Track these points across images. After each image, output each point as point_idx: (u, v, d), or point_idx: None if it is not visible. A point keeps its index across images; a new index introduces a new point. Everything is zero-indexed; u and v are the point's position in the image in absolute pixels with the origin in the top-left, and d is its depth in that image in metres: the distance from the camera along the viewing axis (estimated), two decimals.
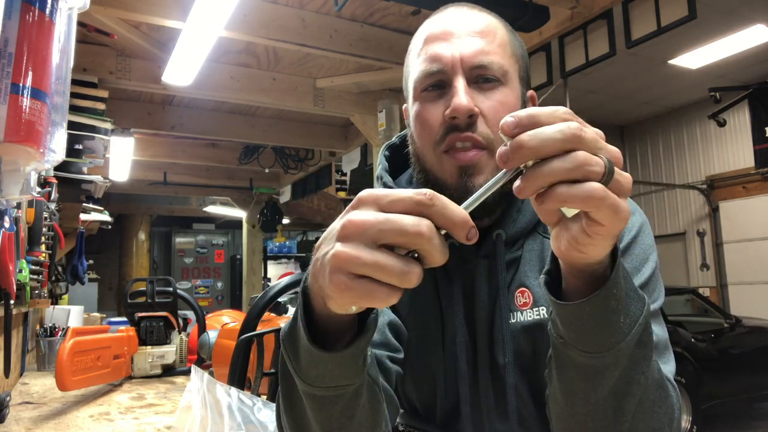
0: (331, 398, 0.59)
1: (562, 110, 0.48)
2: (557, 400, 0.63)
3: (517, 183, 0.47)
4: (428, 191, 0.45)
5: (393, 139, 0.95)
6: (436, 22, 0.81)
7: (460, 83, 0.74)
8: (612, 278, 0.53)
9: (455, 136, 0.75)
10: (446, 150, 0.76)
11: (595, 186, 0.45)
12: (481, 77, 0.76)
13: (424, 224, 0.44)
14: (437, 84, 0.77)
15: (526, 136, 0.46)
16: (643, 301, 0.58)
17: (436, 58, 0.76)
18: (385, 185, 0.87)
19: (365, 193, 0.47)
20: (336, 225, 0.47)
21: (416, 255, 0.45)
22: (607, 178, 0.46)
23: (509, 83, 0.78)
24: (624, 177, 0.48)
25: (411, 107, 0.82)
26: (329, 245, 0.46)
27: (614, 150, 0.48)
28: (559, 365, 0.61)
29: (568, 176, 0.45)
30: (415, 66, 0.80)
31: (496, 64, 0.76)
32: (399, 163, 0.92)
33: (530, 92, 0.84)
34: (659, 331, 0.72)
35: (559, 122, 0.47)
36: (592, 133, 0.47)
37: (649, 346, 0.59)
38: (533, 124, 0.47)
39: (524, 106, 0.81)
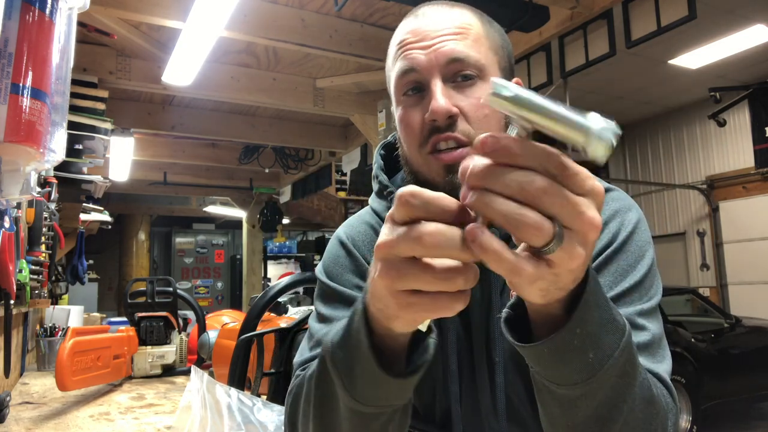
0: (376, 415, 0.60)
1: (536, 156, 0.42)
2: (542, 418, 0.63)
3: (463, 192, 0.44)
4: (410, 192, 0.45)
5: (388, 138, 0.96)
6: (409, 24, 0.81)
7: (436, 86, 0.75)
8: (573, 319, 0.49)
9: (437, 138, 0.75)
10: (431, 151, 0.76)
11: (493, 245, 0.42)
12: (458, 75, 0.76)
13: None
14: (415, 87, 0.78)
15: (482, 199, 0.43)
16: (621, 332, 0.54)
17: (410, 61, 0.77)
18: (381, 183, 0.89)
19: (391, 212, 0.47)
20: (381, 241, 0.47)
21: None
22: (545, 249, 0.42)
23: (488, 77, 0.77)
24: (574, 255, 0.43)
25: (395, 111, 0.83)
26: (376, 267, 0.48)
27: (590, 217, 0.42)
28: (536, 388, 0.60)
29: (501, 222, 0.42)
30: (393, 71, 0.81)
31: (471, 60, 0.76)
32: (395, 162, 0.92)
33: (515, 80, 0.83)
34: (655, 328, 0.72)
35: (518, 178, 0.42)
36: (560, 198, 0.42)
37: (633, 374, 0.57)
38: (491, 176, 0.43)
39: None
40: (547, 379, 0.55)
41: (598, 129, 0.41)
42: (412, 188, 0.45)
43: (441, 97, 0.74)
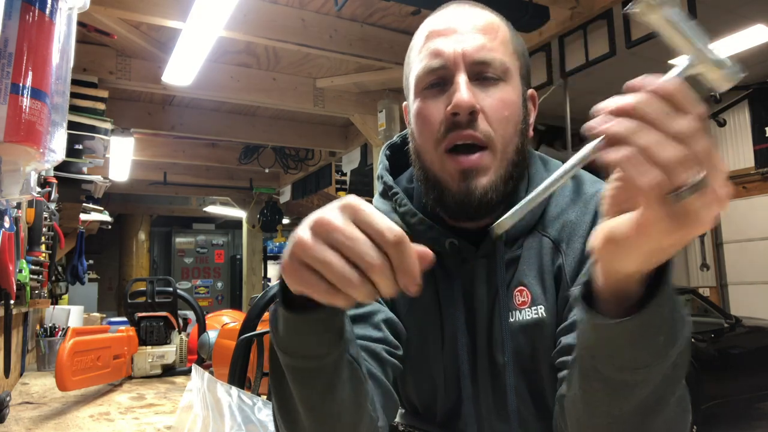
0: (310, 370, 0.59)
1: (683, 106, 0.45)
2: (577, 406, 0.61)
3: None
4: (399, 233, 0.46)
5: (394, 138, 0.95)
6: (437, 19, 0.80)
7: (461, 79, 0.74)
8: (659, 296, 0.49)
9: (456, 134, 0.74)
10: (447, 149, 0.75)
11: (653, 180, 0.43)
12: (482, 74, 0.75)
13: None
14: (438, 81, 0.77)
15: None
16: (683, 320, 0.53)
17: (438, 54, 0.76)
18: (386, 184, 0.88)
19: (348, 201, 0.48)
20: (311, 217, 0.49)
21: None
22: (688, 191, 0.42)
23: (510, 81, 0.77)
24: (716, 201, 0.43)
25: (411, 104, 0.81)
26: (291, 261, 0.49)
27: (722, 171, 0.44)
28: (584, 375, 0.58)
29: (658, 164, 0.43)
30: (416, 62, 0.80)
31: (497, 60, 0.75)
32: (400, 163, 0.92)
33: (530, 91, 0.84)
34: None
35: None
36: (706, 145, 0.43)
37: (683, 366, 0.56)
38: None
39: (525, 104, 0.81)
40: (611, 361, 0.53)
41: (734, 68, 0.46)
42: (359, 201, 0.47)
43: (465, 90, 0.73)
